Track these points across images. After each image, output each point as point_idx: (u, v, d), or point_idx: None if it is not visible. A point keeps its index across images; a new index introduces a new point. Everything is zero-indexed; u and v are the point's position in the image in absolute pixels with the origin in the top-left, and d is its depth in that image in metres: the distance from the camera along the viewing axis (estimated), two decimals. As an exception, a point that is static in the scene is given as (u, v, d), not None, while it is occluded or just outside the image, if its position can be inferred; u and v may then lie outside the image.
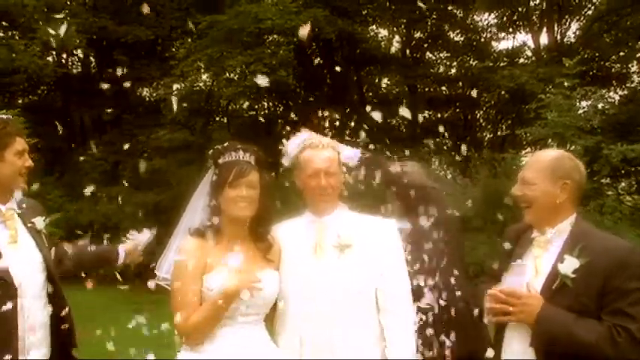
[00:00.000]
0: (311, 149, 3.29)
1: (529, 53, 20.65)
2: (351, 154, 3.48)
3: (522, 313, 2.93)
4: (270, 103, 21.20)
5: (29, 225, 3.19)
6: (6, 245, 3.08)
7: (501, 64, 19.10)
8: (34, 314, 3.07)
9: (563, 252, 2.97)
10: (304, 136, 3.37)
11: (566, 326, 2.85)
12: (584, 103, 11.79)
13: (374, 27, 21.65)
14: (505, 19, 20.97)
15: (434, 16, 20.58)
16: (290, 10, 15.20)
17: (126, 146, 15.24)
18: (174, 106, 13.24)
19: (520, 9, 20.33)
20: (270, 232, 3.29)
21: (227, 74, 16.37)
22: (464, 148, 17.72)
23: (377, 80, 22.83)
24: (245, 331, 3.09)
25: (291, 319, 3.21)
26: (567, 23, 20.32)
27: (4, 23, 18.25)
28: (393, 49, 22.10)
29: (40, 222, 3.22)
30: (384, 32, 22.33)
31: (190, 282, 3.01)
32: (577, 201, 3.13)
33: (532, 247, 3.12)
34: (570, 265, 2.90)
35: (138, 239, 3.88)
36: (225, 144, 3.27)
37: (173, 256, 3.18)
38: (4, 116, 3.16)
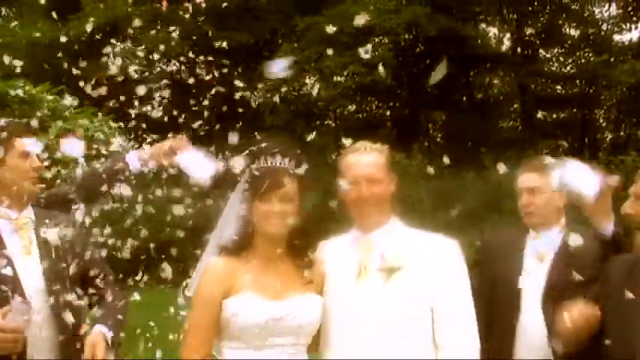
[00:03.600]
0: (352, 153, 2.76)
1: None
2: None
3: None
4: (374, 105, 20.80)
5: (41, 236, 2.90)
6: (19, 256, 2.85)
7: (623, 58, 17.54)
8: (38, 333, 2.79)
9: None
10: None
11: None
12: None
13: (483, 25, 20.69)
14: (630, 8, 19.28)
15: (547, 10, 19.30)
16: (389, 9, 14.68)
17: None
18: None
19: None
20: (311, 247, 2.79)
21: (332, 77, 16.07)
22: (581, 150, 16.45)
23: (486, 80, 21.80)
24: None
25: (335, 349, 2.71)
26: None
27: (120, 41, 18.98)
28: (503, 47, 21.02)
29: (52, 234, 2.91)
30: (493, 30, 21.30)
31: (200, 313, 2.60)
32: None
33: None
34: None
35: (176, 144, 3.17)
36: (263, 145, 2.79)
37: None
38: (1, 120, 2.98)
